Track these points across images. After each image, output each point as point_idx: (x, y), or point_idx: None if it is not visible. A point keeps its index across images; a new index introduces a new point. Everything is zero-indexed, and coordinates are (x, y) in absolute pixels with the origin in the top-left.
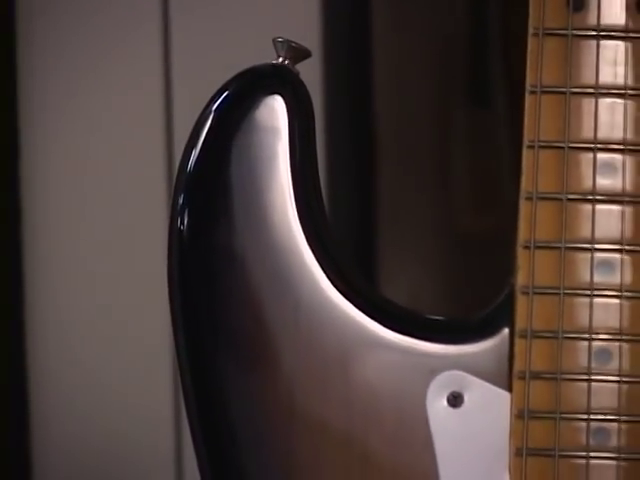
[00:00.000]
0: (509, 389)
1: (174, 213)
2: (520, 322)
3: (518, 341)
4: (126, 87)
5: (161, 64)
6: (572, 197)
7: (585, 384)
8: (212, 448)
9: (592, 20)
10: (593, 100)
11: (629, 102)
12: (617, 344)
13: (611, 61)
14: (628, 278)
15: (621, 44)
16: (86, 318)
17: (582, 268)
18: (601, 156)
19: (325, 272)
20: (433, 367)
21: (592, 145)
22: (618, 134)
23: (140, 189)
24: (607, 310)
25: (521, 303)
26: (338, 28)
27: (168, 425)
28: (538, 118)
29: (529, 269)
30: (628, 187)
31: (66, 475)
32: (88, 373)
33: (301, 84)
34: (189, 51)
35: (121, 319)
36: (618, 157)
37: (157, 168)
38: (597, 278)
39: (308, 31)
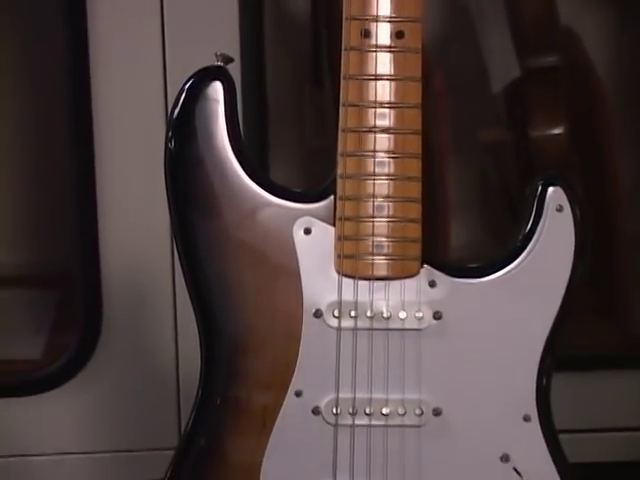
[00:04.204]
0: (334, 225)
1: (166, 139)
2: (339, 191)
3: (338, 202)
4: (132, 81)
5: (161, 62)
6: (364, 130)
7: (371, 223)
8: (188, 263)
9: (373, 42)
10: (374, 82)
11: (392, 83)
12: (387, 203)
13: (383, 62)
14: (392, 170)
15: (388, 54)
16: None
17: (369, 165)
18: (378, 110)
19: (242, 167)
20: (296, 215)
21: (374, 104)
22: (386, 98)
23: (149, 129)
24: (382, 186)
25: (340, 182)
26: (248, 44)
27: (166, 254)
28: (347, 91)
29: (344, 165)
30: (392, 125)
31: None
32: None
33: (229, 75)
34: (179, 57)
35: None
36: (387, 110)
37: (159, 118)
38: (377, 170)
39: (232, 46)
